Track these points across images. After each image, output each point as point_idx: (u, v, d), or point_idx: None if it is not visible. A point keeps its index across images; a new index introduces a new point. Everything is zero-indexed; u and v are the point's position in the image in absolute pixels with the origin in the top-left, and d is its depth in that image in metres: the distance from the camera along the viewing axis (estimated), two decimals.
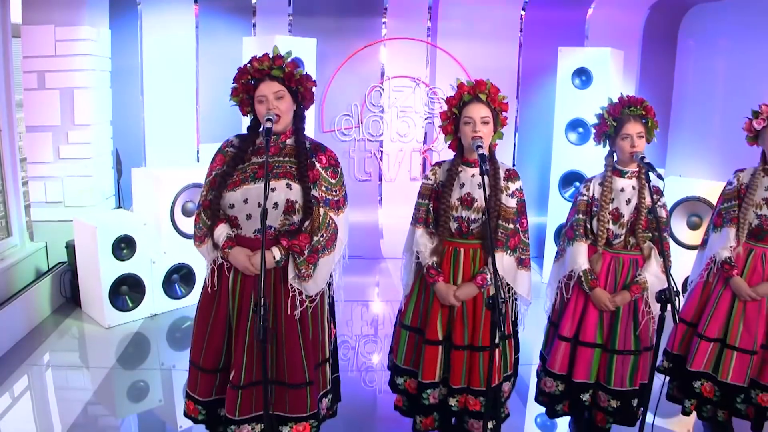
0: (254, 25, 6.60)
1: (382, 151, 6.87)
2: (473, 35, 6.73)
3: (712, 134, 6.70)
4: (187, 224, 5.10)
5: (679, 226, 5.19)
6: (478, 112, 2.77)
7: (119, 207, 5.98)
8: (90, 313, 4.94)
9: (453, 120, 2.87)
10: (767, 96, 5.66)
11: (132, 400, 3.89)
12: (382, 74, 6.80)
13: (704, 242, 3.37)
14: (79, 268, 4.92)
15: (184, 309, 5.19)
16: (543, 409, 3.37)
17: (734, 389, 3.20)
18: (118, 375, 4.14)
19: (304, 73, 2.72)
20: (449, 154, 3.04)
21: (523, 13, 6.80)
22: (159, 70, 6.34)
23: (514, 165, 6.79)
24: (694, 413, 3.40)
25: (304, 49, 5.71)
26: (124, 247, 4.73)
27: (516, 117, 6.90)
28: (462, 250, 2.88)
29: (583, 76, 5.72)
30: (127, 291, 4.83)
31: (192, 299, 5.22)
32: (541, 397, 3.29)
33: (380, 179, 6.96)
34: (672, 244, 4.97)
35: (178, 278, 5.17)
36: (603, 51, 5.71)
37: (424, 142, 6.95)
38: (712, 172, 6.49)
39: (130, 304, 4.86)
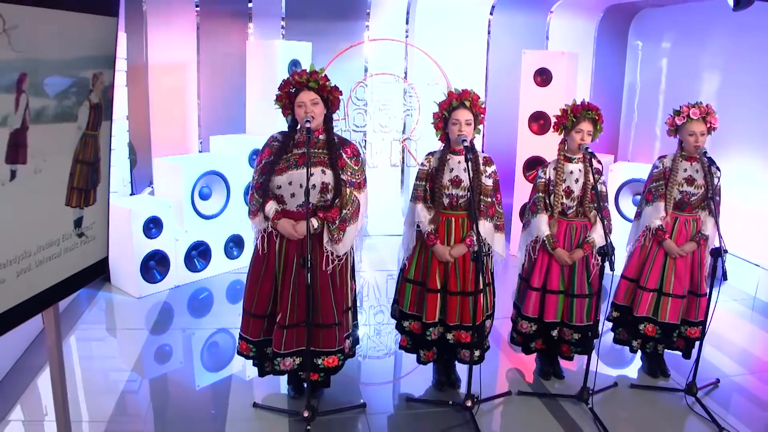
0: (251, 27, 7.29)
1: (366, 141, 7.61)
2: (446, 36, 7.51)
3: (656, 124, 7.63)
4: (205, 207, 5.85)
5: (625, 203, 6.08)
6: (464, 115, 3.61)
7: (132, 194, 6.66)
8: (120, 286, 5.61)
9: (443, 120, 3.68)
10: (702, 89, 6.65)
11: (158, 361, 4.53)
12: (366, 71, 7.56)
13: (638, 215, 4.23)
14: (111, 246, 5.58)
15: (202, 281, 5.91)
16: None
17: (671, 327, 4.11)
18: (147, 339, 4.77)
19: (333, 85, 3.47)
20: (425, 143, 3.84)
21: (490, 17, 7.62)
22: (163, 68, 6.99)
23: (483, 151, 7.62)
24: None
25: (301, 51, 6.44)
26: (153, 227, 5.44)
27: (484, 108, 7.70)
28: (453, 219, 3.71)
29: (543, 75, 6.53)
30: (154, 265, 5.54)
31: (208, 272, 5.97)
32: (518, 336, 4.16)
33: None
34: (618, 217, 5.90)
35: (197, 254, 5.89)
36: (560, 53, 6.55)
37: (403, 132, 7.71)
38: (655, 157, 7.41)
39: (159, 277, 5.58)
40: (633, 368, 4.49)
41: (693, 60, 6.99)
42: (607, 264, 3.46)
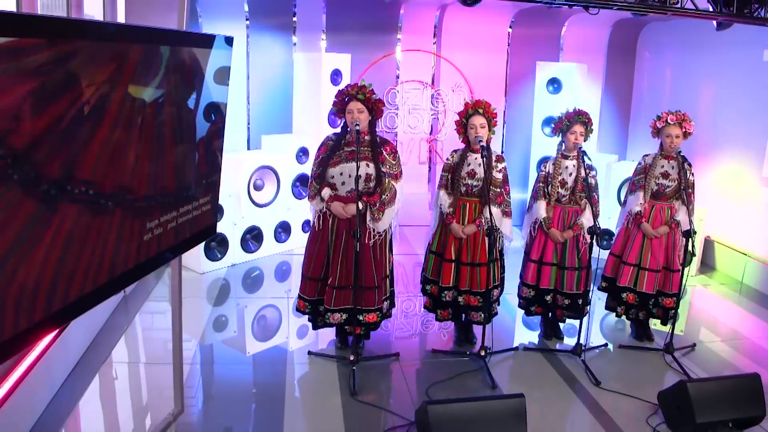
0: (295, 37, 8.13)
1: (397, 141, 8.42)
2: (470, 48, 8.30)
3: None
4: (259, 196, 6.77)
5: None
6: (478, 120, 4.46)
7: None
8: (185, 264, 6.45)
9: (462, 126, 4.54)
10: (703, 95, 7.37)
11: (216, 330, 5.35)
12: (397, 79, 8.41)
13: (624, 202, 5.03)
14: None
15: (254, 261, 6.82)
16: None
17: (647, 296, 4.90)
18: (208, 310, 5.62)
19: (378, 98, 4.37)
20: (450, 143, 4.69)
21: (510, 30, 8.42)
22: None
23: (502, 151, 8.45)
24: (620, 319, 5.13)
25: (341, 62, 7.32)
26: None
27: (504, 113, 8.53)
28: (467, 204, 4.57)
29: (555, 84, 7.34)
30: (216, 246, 6.45)
31: (260, 254, 6.88)
32: (521, 301, 5.01)
33: None
34: (618, 208, 6.68)
35: (251, 237, 6.80)
36: (570, 65, 7.36)
37: (430, 133, 8.55)
38: None
39: (219, 256, 6.49)
40: (623, 335, 5.29)
41: (693, 69, 7.70)
42: (595, 242, 4.32)
